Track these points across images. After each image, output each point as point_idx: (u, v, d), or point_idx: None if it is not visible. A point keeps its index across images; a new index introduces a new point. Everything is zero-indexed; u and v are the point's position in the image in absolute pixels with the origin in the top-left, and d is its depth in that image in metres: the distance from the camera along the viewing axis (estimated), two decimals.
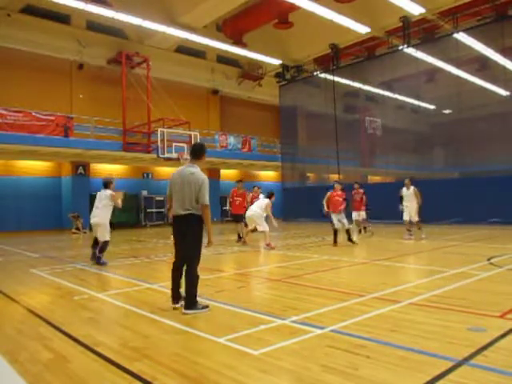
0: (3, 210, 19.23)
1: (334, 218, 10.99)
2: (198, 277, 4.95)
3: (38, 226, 20.07)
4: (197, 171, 4.97)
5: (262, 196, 12.49)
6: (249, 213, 11.65)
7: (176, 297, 5.06)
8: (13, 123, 17.18)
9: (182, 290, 5.01)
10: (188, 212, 4.86)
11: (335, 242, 11.05)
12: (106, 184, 9.11)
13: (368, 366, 3.21)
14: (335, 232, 11.08)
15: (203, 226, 4.97)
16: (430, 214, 17.31)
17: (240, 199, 12.77)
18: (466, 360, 3.23)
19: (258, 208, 11.40)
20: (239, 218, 12.65)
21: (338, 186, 11.65)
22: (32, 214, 20.17)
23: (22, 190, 20.10)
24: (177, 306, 5.01)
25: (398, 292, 5.61)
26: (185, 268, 4.96)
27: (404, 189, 12.36)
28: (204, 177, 4.95)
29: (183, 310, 4.85)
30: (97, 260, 8.90)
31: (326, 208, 11.09)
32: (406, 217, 12.24)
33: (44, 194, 21.07)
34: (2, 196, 19.47)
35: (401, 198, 12.35)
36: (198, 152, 5.14)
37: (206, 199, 4.86)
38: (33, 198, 20.38)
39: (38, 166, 21.10)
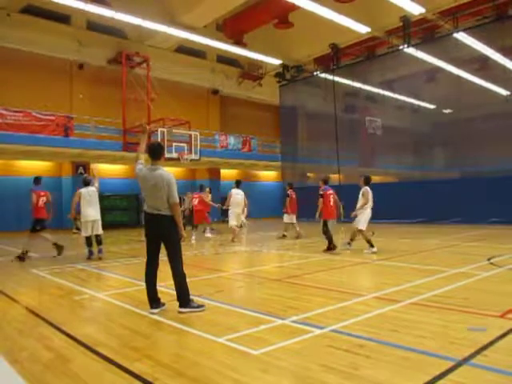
0: (3, 210, 19.22)
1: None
2: (184, 275, 4.97)
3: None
4: (164, 172, 5.00)
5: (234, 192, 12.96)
6: (239, 210, 12.65)
7: (154, 300, 4.96)
8: (13, 123, 17.17)
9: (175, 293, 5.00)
10: (159, 213, 4.89)
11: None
12: (89, 182, 9.74)
13: (368, 365, 3.21)
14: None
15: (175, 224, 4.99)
16: (430, 214, 17.39)
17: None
18: (466, 360, 3.23)
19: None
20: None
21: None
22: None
23: (22, 190, 20.06)
24: (155, 311, 4.88)
25: (398, 292, 5.61)
26: (171, 269, 4.96)
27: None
28: (171, 176, 5.01)
29: (179, 309, 4.87)
30: (100, 252, 9.72)
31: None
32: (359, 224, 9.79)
33: None
34: (3, 196, 19.45)
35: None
36: (157, 152, 5.11)
37: (176, 197, 4.94)
38: None
39: (38, 166, 21.07)
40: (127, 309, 5.17)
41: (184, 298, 4.90)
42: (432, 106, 22.19)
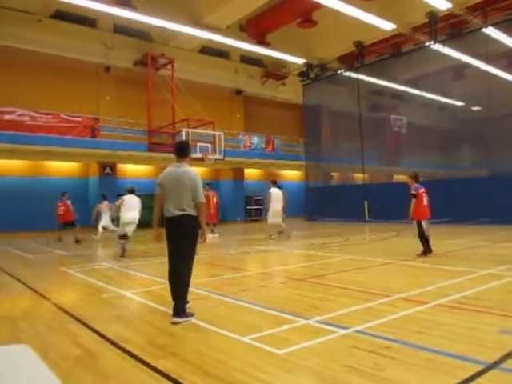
0: (33, 209, 19.75)
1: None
2: (189, 283, 4.75)
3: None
4: (189, 170, 4.86)
5: (273, 190, 13.57)
6: (279, 206, 13.35)
7: None
8: (42, 125, 17.68)
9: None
10: (184, 213, 4.69)
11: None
12: (134, 191, 10.56)
13: (393, 367, 3.17)
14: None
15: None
16: (457, 214, 16.95)
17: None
18: (497, 363, 3.15)
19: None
20: None
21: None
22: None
23: (51, 190, 20.58)
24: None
25: (424, 293, 5.51)
26: (177, 270, 4.74)
27: None
28: (197, 174, 4.85)
29: (173, 319, 4.51)
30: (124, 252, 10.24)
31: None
32: None
33: (72, 194, 21.50)
34: (33, 196, 20.01)
35: None
36: (184, 150, 5.02)
37: (202, 197, 4.81)
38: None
39: (66, 166, 21.61)
40: (153, 307, 5.26)
41: (182, 306, 4.60)
42: (460, 103, 21.67)
